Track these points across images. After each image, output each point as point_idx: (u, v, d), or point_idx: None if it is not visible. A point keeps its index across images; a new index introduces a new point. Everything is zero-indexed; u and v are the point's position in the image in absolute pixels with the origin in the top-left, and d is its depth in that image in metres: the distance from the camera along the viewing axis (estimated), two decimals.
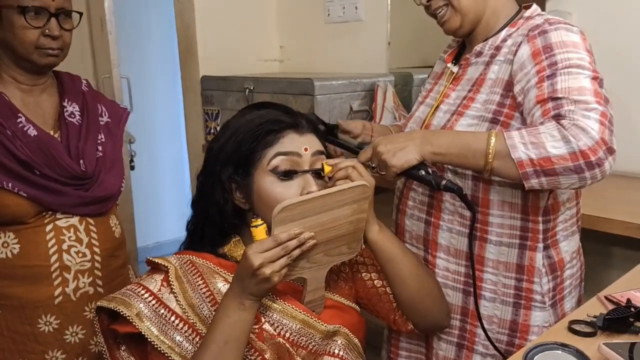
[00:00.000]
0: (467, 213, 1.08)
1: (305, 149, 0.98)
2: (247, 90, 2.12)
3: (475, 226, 1.08)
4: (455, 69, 1.17)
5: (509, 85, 1.03)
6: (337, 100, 1.97)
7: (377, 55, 2.26)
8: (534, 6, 1.12)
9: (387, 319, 1.12)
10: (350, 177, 0.95)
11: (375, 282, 1.10)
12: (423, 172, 0.99)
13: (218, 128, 2.30)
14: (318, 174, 0.99)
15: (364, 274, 1.11)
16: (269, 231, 0.90)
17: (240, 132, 1.00)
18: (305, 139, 1.00)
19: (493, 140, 0.92)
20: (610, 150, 0.88)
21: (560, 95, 0.92)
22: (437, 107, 1.17)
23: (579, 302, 1.18)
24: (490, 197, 1.07)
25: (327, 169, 0.97)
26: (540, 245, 1.07)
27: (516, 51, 1.03)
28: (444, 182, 0.99)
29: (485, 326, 1.08)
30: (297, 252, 0.88)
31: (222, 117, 2.28)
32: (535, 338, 1.06)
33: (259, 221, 0.91)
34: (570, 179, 0.89)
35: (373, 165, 1.02)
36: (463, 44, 1.21)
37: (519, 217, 1.06)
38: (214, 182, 1.01)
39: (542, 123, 0.92)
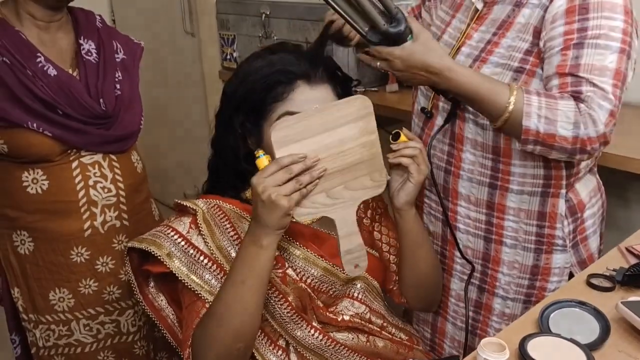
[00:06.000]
0: (488, 162, 1.08)
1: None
2: (264, 15, 2.06)
3: (497, 176, 1.09)
4: (480, 4, 1.10)
5: (537, 33, 1.00)
6: None
7: None
8: None
9: (385, 286, 1.16)
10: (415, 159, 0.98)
11: (391, 257, 1.14)
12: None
13: (235, 54, 2.27)
14: None
15: (383, 245, 1.14)
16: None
17: (250, 80, 0.97)
18: (317, 92, 0.97)
19: (513, 101, 0.93)
20: (605, 143, 0.95)
21: (581, 75, 0.93)
22: (459, 48, 1.11)
23: (601, 240, 1.19)
24: (512, 147, 1.05)
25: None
26: (563, 191, 1.08)
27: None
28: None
29: (507, 271, 1.13)
30: (306, 177, 0.87)
31: (237, 43, 2.24)
32: (556, 279, 1.11)
33: (261, 152, 0.91)
34: (560, 155, 0.96)
35: (378, 63, 0.98)
36: None
37: (541, 165, 1.06)
38: (227, 127, 1.01)
39: (562, 96, 0.94)
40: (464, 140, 1.10)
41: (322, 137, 0.88)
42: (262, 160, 0.90)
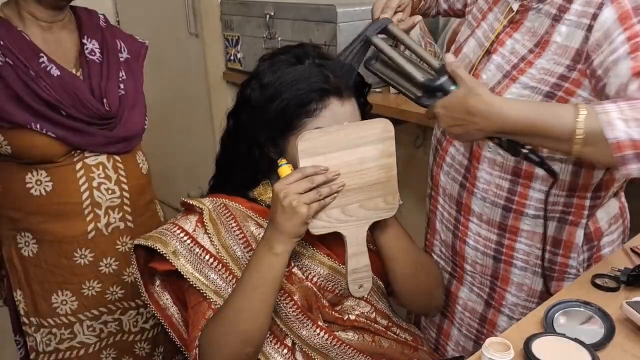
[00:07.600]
0: (505, 184, 1.03)
1: None
2: (268, 16, 2.06)
3: (513, 199, 1.03)
4: (515, 5, 0.99)
5: (578, 56, 0.89)
6: (361, 27, 1.89)
7: None
8: None
9: (387, 287, 1.13)
10: None
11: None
12: (497, 140, 0.90)
13: (239, 55, 2.27)
14: None
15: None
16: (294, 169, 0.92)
17: (284, 98, 0.96)
18: (346, 108, 0.97)
19: (582, 118, 0.76)
20: None
21: None
22: (490, 53, 1.02)
23: None
24: (536, 170, 0.98)
25: None
26: (584, 221, 1.00)
27: (595, 15, 0.87)
28: (524, 151, 0.87)
29: (514, 292, 1.08)
30: (326, 189, 0.89)
31: (242, 43, 2.24)
32: None
33: (284, 161, 0.94)
34: None
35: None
36: None
37: (563, 193, 0.99)
38: (248, 137, 1.01)
39: None
40: (481, 159, 1.04)
41: (343, 154, 0.90)
42: (285, 168, 0.93)
